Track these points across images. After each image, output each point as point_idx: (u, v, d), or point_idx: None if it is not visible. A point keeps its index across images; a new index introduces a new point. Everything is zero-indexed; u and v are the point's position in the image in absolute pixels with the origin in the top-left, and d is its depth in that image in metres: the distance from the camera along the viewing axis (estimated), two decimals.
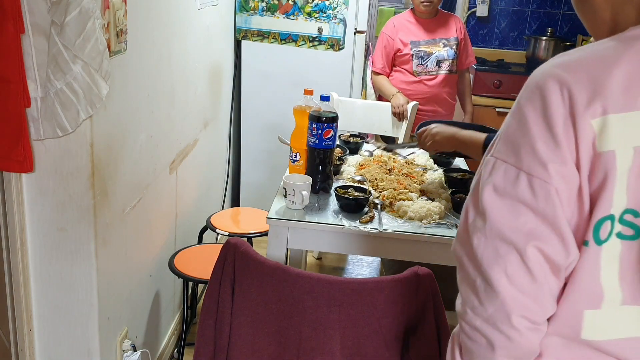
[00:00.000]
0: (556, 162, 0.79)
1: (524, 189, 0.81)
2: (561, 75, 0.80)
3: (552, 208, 0.80)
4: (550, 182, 0.80)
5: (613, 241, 0.80)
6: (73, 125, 1.51)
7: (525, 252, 0.81)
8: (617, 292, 0.81)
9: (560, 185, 0.80)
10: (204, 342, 1.59)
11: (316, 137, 1.99)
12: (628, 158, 0.77)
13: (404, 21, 3.26)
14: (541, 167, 0.80)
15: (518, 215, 0.82)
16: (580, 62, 0.81)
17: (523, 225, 0.81)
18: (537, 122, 0.81)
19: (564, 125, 0.79)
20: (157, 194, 2.16)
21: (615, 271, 0.81)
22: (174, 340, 2.55)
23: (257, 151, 3.60)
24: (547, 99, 0.80)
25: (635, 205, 0.78)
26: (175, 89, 2.29)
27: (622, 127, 0.77)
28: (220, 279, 1.56)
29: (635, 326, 0.82)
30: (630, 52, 0.79)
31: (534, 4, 4.55)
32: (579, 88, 0.79)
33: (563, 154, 0.79)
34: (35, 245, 1.65)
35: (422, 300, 1.49)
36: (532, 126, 0.81)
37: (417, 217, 1.88)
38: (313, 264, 3.46)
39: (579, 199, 0.80)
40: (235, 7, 3.33)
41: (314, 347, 1.51)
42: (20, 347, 1.71)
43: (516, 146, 0.83)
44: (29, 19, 1.42)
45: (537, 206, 0.81)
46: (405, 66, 3.24)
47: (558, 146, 0.79)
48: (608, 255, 0.81)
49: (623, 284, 0.81)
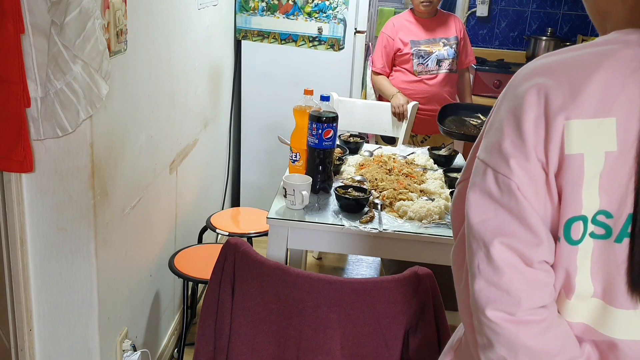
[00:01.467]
0: (519, 158, 0.83)
1: (492, 185, 0.86)
2: (540, 78, 0.83)
3: (515, 202, 0.84)
4: (512, 177, 0.83)
5: (587, 241, 0.84)
6: (73, 125, 1.51)
7: (490, 247, 0.85)
8: (589, 287, 0.86)
9: (523, 181, 0.83)
10: (204, 342, 1.59)
11: (316, 137, 1.99)
12: (599, 162, 0.80)
13: (403, 21, 3.27)
14: (504, 164, 0.84)
15: (486, 210, 0.86)
16: (562, 66, 0.84)
17: (490, 220, 0.86)
18: (509, 121, 0.85)
19: (535, 125, 0.82)
20: (157, 194, 2.16)
21: (588, 268, 0.85)
22: (174, 340, 2.55)
23: (257, 151, 3.60)
24: (522, 100, 0.83)
25: (608, 206, 0.81)
26: (175, 89, 2.29)
27: (594, 132, 0.80)
28: (220, 279, 1.56)
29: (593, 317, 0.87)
30: (610, 60, 0.81)
31: (534, 4, 4.55)
32: (555, 91, 0.81)
33: (527, 151, 0.83)
34: (35, 245, 1.65)
35: (422, 300, 1.49)
36: (504, 125, 0.85)
37: (417, 217, 1.88)
38: (313, 264, 3.46)
39: (549, 194, 0.84)
40: (235, 7, 3.33)
41: (314, 347, 1.51)
42: (20, 347, 1.71)
43: (489, 144, 0.87)
44: (29, 19, 1.42)
45: (502, 201, 0.85)
46: (405, 65, 3.24)
47: (523, 143, 0.83)
48: (583, 255, 0.84)
49: (594, 281, 0.85)
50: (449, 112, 2.54)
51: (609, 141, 0.80)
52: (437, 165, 2.38)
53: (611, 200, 0.81)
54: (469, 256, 0.90)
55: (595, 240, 0.83)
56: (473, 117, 2.47)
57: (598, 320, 0.87)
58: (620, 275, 0.83)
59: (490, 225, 0.86)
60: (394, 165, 2.30)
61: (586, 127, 0.80)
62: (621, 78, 0.80)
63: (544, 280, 0.86)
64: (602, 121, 0.80)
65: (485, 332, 0.88)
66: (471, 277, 0.89)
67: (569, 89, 0.81)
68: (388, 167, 2.27)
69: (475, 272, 0.88)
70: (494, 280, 0.85)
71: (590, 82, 0.80)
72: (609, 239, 0.83)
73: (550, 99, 0.81)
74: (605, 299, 0.86)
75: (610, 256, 0.83)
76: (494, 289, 0.86)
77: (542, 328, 0.87)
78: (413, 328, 1.51)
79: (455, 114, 2.53)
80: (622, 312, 0.85)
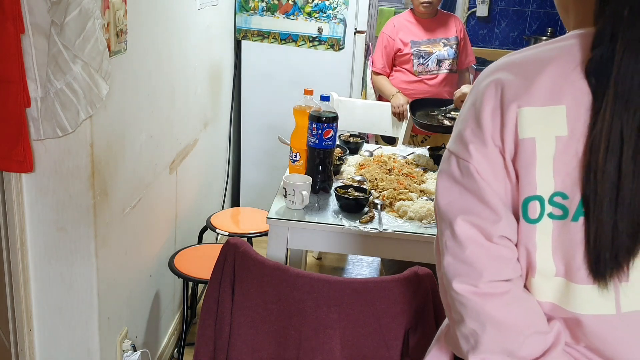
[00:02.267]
0: (477, 144, 0.92)
1: (455, 169, 0.95)
2: (499, 74, 0.93)
3: (474, 183, 0.92)
4: (470, 161, 0.92)
5: (545, 221, 0.90)
6: (73, 125, 1.51)
7: (454, 225, 0.93)
8: (552, 266, 0.92)
9: (481, 164, 0.92)
10: (204, 342, 1.59)
11: (316, 137, 1.99)
12: (550, 146, 0.88)
13: (403, 21, 3.27)
14: (465, 150, 0.93)
15: (451, 192, 0.95)
16: (520, 61, 0.93)
17: (455, 201, 0.94)
18: (470, 113, 0.94)
19: (492, 114, 0.91)
20: (157, 194, 2.16)
21: (549, 247, 0.91)
22: (174, 340, 2.55)
23: (257, 151, 3.60)
24: (482, 94, 0.93)
25: (563, 188, 0.88)
26: (175, 89, 2.29)
27: (544, 119, 0.88)
28: (220, 279, 1.56)
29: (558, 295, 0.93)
30: (561, 55, 0.90)
31: (534, 4, 4.55)
32: (511, 83, 0.90)
33: (485, 137, 0.91)
34: (35, 245, 1.65)
35: (422, 300, 1.49)
36: (467, 117, 0.95)
37: (417, 217, 1.88)
38: (313, 264, 3.46)
39: (508, 176, 0.92)
40: (235, 7, 3.33)
41: (314, 347, 1.51)
42: (20, 347, 1.71)
43: (454, 135, 0.97)
44: (29, 19, 1.42)
45: (464, 183, 0.93)
46: (405, 66, 3.24)
47: (481, 131, 0.91)
48: (542, 234, 0.91)
49: (556, 260, 0.91)
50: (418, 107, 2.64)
51: (559, 127, 0.88)
52: (437, 165, 2.38)
53: (565, 182, 0.88)
54: (439, 236, 0.98)
55: (554, 220, 0.90)
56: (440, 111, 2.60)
57: (563, 297, 0.93)
58: (579, 253, 0.89)
59: (454, 205, 0.94)
60: (394, 165, 2.30)
61: (537, 114, 0.88)
62: (569, 71, 0.88)
63: (505, 255, 0.93)
64: (552, 109, 0.88)
65: (455, 307, 0.95)
66: (441, 256, 0.96)
67: (523, 81, 0.89)
68: (388, 167, 2.27)
69: (443, 249, 0.96)
70: (458, 255, 0.93)
71: (542, 75, 0.89)
72: (566, 219, 0.89)
73: (505, 91, 0.90)
74: (567, 276, 0.91)
75: (568, 235, 0.89)
76: (459, 263, 0.93)
77: (506, 301, 0.93)
78: (413, 328, 1.51)
79: (423, 109, 2.64)
80: (583, 288, 0.90)
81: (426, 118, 2.56)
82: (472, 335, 0.94)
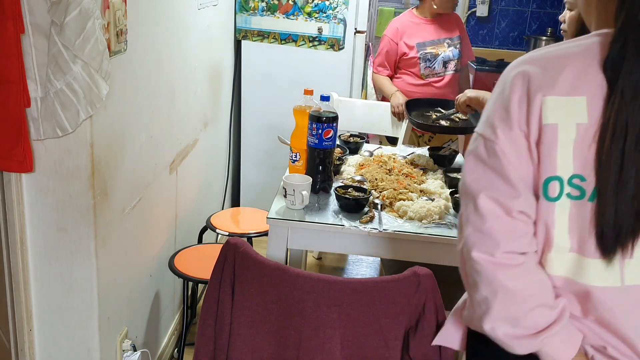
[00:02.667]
0: (504, 128, 1.02)
1: (482, 149, 1.05)
2: (525, 67, 1.03)
3: (498, 162, 1.02)
4: (497, 142, 1.03)
5: (564, 200, 1.00)
6: (73, 125, 1.51)
7: (477, 199, 1.03)
8: (567, 242, 1.02)
9: (506, 145, 1.02)
10: (204, 342, 1.59)
11: (316, 137, 1.99)
12: (571, 131, 0.99)
13: (407, 22, 3.20)
14: (491, 132, 1.04)
15: (476, 170, 1.05)
16: (545, 56, 1.04)
17: (479, 178, 1.04)
18: (499, 101, 1.05)
19: (519, 102, 1.02)
20: (157, 194, 2.17)
21: (566, 225, 1.01)
22: (174, 340, 2.55)
23: (257, 151, 3.60)
24: (510, 84, 1.04)
25: (581, 171, 0.99)
26: (175, 89, 2.29)
27: (566, 107, 0.99)
28: (220, 279, 1.56)
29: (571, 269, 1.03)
30: (583, 53, 1.01)
31: (534, 4, 4.55)
32: (536, 76, 1.01)
33: (511, 122, 1.02)
34: (35, 245, 1.65)
35: (422, 300, 1.49)
36: (496, 104, 1.05)
37: (417, 217, 1.88)
38: (313, 264, 3.46)
39: (531, 158, 1.02)
40: (235, 7, 3.33)
41: (314, 347, 1.51)
42: (20, 347, 1.71)
43: (483, 119, 1.07)
44: (29, 19, 1.42)
45: (489, 162, 1.03)
46: (412, 69, 3.18)
47: (508, 116, 1.02)
48: (560, 212, 1.01)
49: (571, 237, 1.01)
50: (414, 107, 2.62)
51: (580, 115, 0.99)
52: (437, 165, 2.38)
53: (583, 165, 0.98)
54: (462, 210, 1.08)
55: (572, 200, 1.00)
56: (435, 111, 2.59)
57: (575, 271, 1.03)
58: (592, 229, 0.99)
59: (479, 182, 1.04)
60: (394, 165, 2.30)
61: (560, 103, 0.99)
62: (589, 66, 0.99)
63: (522, 229, 1.03)
64: (574, 99, 0.99)
65: (472, 274, 1.05)
66: (463, 227, 1.06)
67: (548, 74, 1.01)
68: (388, 167, 2.27)
69: (465, 221, 1.06)
70: (479, 226, 1.03)
71: (566, 68, 1.00)
72: (583, 200, 0.99)
73: (532, 82, 1.01)
74: (580, 251, 1.01)
75: (584, 214, 0.99)
76: (479, 233, 1.03)
77: (518, 272, 1.02)
78: (413, 328, 1.51)
79: (419, 109, 2.63)
80: (592, 262, 1.00)
81: (422, 118, 2.56)
82: (484, 302, 1.03)
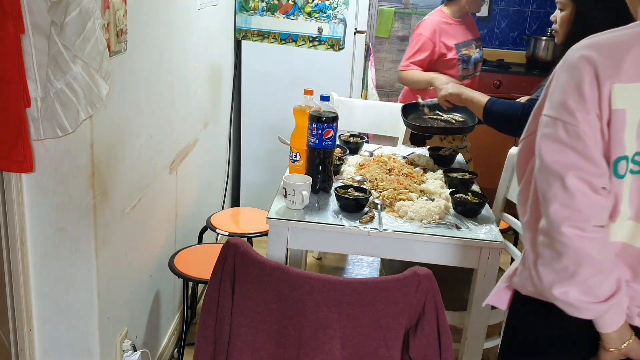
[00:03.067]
0: (582, 112, 1.12)
1: (562, 133, 1.14)
2: (589, 53, 1.13)
3: (582, 143, 1.12)
4: (578, 125, 1.12)
5: (628, 175, 1.13)
6: (73, 125, 1.51)
7: (565, 179, 1.12)
8: (627, 211, 1.16)
9: (586, 127, 1.12)
10: (204, 342, 1.59)
11: (316, 137, 1.99)
12: (637, 114, 1.11)
13: (442, 23, 3.03)
14: (570, 115, 1.13)
15: (559, 152, 1.14)
16: (605, 43, 1.14)
17: (563, 159, 1.13)
18: (570, 85, 1.14)
19: (590, 87, 1.12)
20: (157, 194, 2.16)
21: (628, 196, 1.14)
22: (174, 340, 2.55)
23: (257, 151, 3.60)
24: (579, 70, 1.13)
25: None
26: (175, 89, 2.29)
27: (633, 93, 1.10)
28: (220, 279, 1.56)
29: (628, 235, 1.18)
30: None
31: (534, 4, 4.55)
32: (602, 64, 1.11)
33: (587, 106, 1.12)
34: (35, 245, 1.65)
35: (422, 300, 1.49)
36: (566, 88, 1.14)
37: (417, 217, 1.88)
38: (313, 264, 3.46)
39: (602, 139, 1.12)
40: (235, 7, 3.33)
41: (314, 347, 1.51)
42: (20, 347, 1.71)
43: (555, 103, 1.16)
44: (29, 19, 1.42)
45: (571, 144, 1.13)
46: (449, 71, 3.02)
47: (584, 100, 1.12)
48: (625, 186, 1.13)
49: (631, 207, 1.15)
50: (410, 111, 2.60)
51: None
52: (437, 165, 2.38)
53: None
54: (543, 188, 1.16)
55: (633, 175, 1.14)
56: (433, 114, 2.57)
57: (631, 236, 1.18)
58: None
59: (562, 163, 1.13)
60: (394, 165, 2.30)
61: (627, 89, 1.10)
62: None
63: (605, 204, 1.14)
64: (638, 85, 1.10)
65: (555, 246, 1.14)
66: (547, 203, 1.15)
67: (612, 62, 1.11)
68: (388, 167, 2.27)
69: (551, 198, 1.14)
70: (569, 204, 1.12)
71: (628, 55, 1.10)
72: None
73: (599, 69, 1.11)
74: (636, 219, 1.16)
75: None
76: (569, 210, 1.12)
77: (601, 243, 1.14)
78: (413, 328, 1.51)
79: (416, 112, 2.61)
80: None
81: (419, 120, 2.54)
82: (565, 270, 1.14)
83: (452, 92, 2.30)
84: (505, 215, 2.36)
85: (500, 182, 2.39)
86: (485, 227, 1.88)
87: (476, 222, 1.91)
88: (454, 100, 2.31)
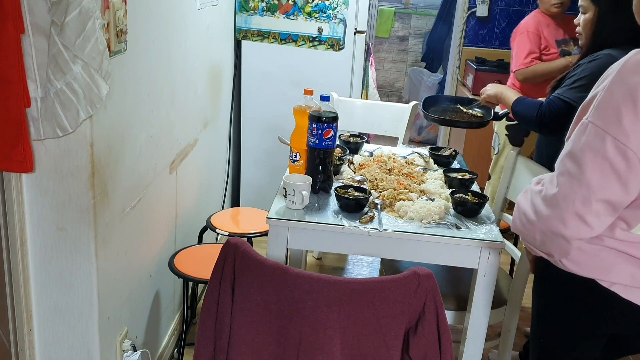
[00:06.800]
0: (637, 133, 1.15)
1: (610, 149, 1.17)
2: None
3: (627, 166, 1.16)
4: (629, 146, 1.16)
5: None
6: (73, 125, 1.51)
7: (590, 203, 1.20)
8: None
9: (637, 148, 1.16)
10: (204, 342, 1.59)
11: (316, 137, 1.99)
12: None
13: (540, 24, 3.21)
14: (624, 135, 1.16)
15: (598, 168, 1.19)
16: None
17: (599, 177, 1.18)
18: (626, 102, 1.15)
19: None
20: (157, 194, 2.16)
21: None
22: (174, 340, 2.55)
23: (257, 151, 3.60)
24: (634, 85, 1.14)
25: None
26: (175, 89, 2.29)
27: None
28: (220, 279, 1.56)
29: None
30: None
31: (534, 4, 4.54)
32: None
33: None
34: (35, 245, 1.65)
35: (422, 300, 1.49)
36: (622, 105, 1.16)
37: (417, 217, 1.88)
38: (313, 264, 3.46)
39: None
40: (235, 7, 3.33)
41: (314, 347, 1.51)
42: (20, 347, 1.71)
43: (607, 117, 1.17)
44: (29, 19, 1.42)
45: (614, 163, 1.17)
46: None
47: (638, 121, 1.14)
48: None
49: None
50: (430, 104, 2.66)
51: None
52: (437, 165, 2.38)
53: None
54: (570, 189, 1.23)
55: None
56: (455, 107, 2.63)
57: None
58: None
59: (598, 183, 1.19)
60: (394, 165, 2.30)
61: None
62: None
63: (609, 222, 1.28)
64: None
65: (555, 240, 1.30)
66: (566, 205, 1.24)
67: None
68: (388, 167, 2.27)
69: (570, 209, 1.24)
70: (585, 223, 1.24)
71: None
72: None
73: None
74: None
75: None
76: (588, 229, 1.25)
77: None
78: (413, 328, 1.51)
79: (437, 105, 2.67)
80: None
81: (447, 113, 2.58)
82: None
83: (490, 94, 2.39)
84: (505, 215, 2.36)
85: (501, 182, 2.39)
86: (485, 227, 1.88)
87: (476, 222, 1.91)
88: (492, 100, 2.40)
